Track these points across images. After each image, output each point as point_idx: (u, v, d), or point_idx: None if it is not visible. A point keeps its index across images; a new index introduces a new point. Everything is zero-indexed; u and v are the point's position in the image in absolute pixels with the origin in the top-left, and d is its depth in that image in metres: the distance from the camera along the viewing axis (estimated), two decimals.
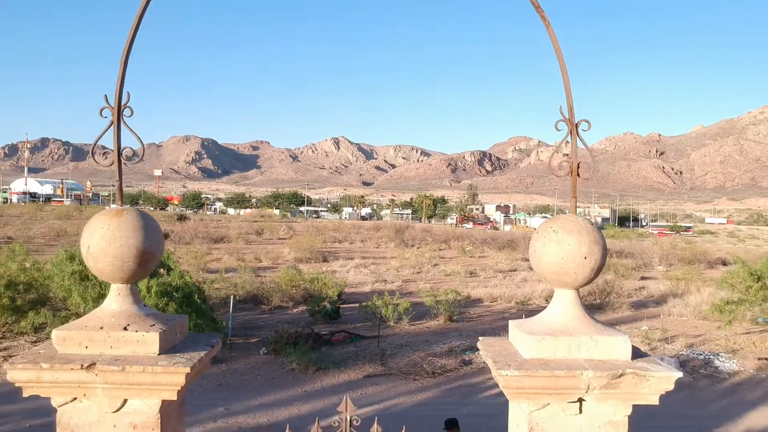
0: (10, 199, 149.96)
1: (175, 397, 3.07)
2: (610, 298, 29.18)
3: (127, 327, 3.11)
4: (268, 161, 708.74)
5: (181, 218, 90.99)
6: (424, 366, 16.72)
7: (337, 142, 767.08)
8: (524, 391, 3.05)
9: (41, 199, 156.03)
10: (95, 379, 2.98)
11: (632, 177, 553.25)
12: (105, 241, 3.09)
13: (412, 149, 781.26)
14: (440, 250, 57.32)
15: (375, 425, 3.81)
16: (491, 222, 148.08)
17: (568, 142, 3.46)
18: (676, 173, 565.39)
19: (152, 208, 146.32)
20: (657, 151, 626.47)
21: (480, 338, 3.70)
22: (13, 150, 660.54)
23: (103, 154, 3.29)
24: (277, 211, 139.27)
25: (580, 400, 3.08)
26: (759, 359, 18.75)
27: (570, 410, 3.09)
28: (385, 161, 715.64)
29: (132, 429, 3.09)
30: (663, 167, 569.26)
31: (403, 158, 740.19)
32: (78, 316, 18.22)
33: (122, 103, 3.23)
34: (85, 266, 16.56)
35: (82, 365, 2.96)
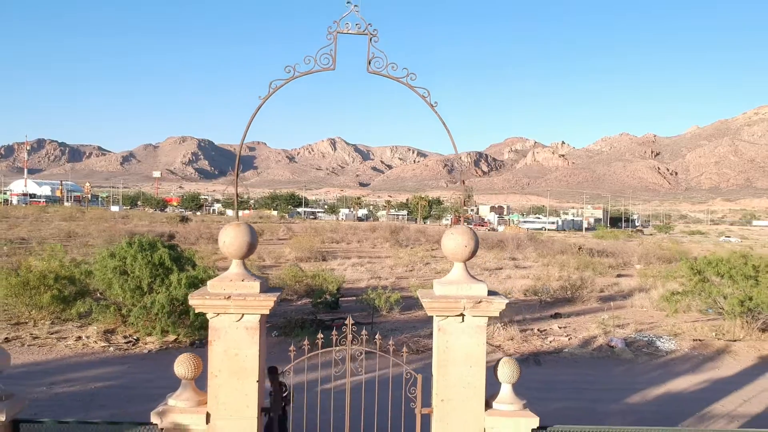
0: (11, 201, 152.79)
1: (267, 312, 6.38)
2: (581, 292, 32.41)
3: (243, 279, 6.42)
4: (265, 162, 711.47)
5: (184, 219, 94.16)
6: (409, 345, 19.99)
7: (333, 143, 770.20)
8: (435, 310, 6.38)
9: (42, 199, 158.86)
10: (230, 304, 6.29)
11: (627, 178, 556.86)
12: (233, 238, 6.40)
13: (409, 150, 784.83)
14: (433, 249, 60.48)
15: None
16: (486, 223, 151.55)
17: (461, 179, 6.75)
18: (671, 174, 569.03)
19: (152, 210, 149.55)
20: (652, 152, 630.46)
21: (419, 290, 7.01)
22: (9, 151, 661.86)
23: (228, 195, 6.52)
24: (275, 212, 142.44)
25: (462, 315, 6.39)
26: (694, 340, 22.09)
27: (457, 320, 6.41)
28: (382, 162, 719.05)
29: (245, 330, 6.39)
30: (658, 168, 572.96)
31: (400, 159, 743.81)
32: (117, 305, 21.43)
33: (239, 172, 6.47)
34: (125, 262, 19.80)
35: (224, 296, 6.26)
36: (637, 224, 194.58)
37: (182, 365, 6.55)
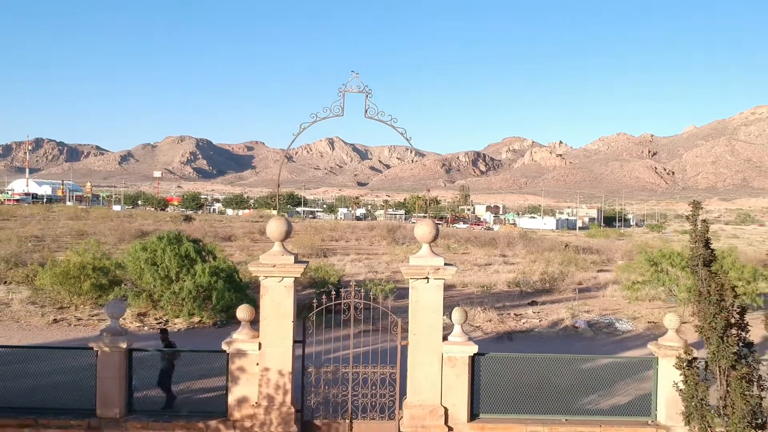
0: (13, 200, 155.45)
1: (299, 276, 9.72)
2: (559, 284, 35.66)
3: (283, 254, 9.76)
4: (263, 161, 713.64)
5: (187, 219, 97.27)
6: (398, 323, 23.29)
7: (331, 143, 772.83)
8: (409, 274, 9.74)
9: (45, 199, 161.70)
10: (274, 270, 9.62)
11: (625, 177, 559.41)
12: (276, 226, 9.73)
13: (407, 150, 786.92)
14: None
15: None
16: (482, 222, 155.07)
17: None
18: (668, 173, 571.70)
19: (153, 209, 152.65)
20: (649, 152, 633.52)
21: (401, 263, 10.33)
22: (6, 150, 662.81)
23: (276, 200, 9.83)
24: (274, 212, 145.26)
25: (427, 277, 9.74)
26: (648, 322, 25.43)
27: (424, 281, 9.77)
28: (380, 162, 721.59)
29: (284, 287, 9.73)
30: (655, 168, 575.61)
31: (398, 159, 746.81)
32: (149, 293, 24.60)
33: (279, 184, 9.77)
34: (155, 254, 22.98)
35: (271, 265, 9.60)
36: (632, 223, 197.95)
37: (243, 311, 9.88)
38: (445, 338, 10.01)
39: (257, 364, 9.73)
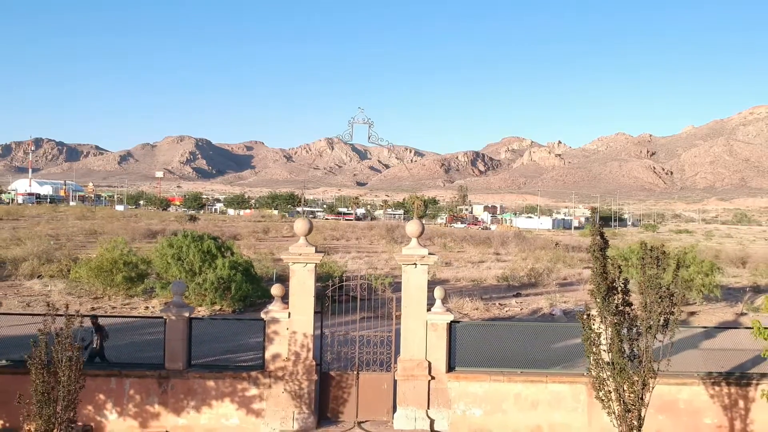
0: (16, 200, 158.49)
1: (318, 262, 12.93)
2: (544, 279, 38.81)
3: (306, 246, 12.95)
4: (263, 161, 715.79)
5: (192, 219, 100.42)
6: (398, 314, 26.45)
7: (331, 143, 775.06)
8: (402, 261, 12.97)
9: (48, 200, 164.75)
10: (300, 257, 12.83)
11: (623, 177, 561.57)
12: (301, 224, 12.93)
13: (406, 149, 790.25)
14: (425, 246, 66.73)
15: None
16: (480, 222, 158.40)
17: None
18: (666, 173, 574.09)
19: (156, 209, 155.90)
20: (648, 152, 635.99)
21: (395, 252, 13.51)
22: (6, 150, 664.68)
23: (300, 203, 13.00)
24: (275, 212, 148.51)
25: (415, 264, 12.94)
26: None
27: (413, 267, 12.99)
28: (379, 161, 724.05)
29: (307, 271, 12.94)
30: (654, 167, 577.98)
31: (397, 158, 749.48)
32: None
33: (303, 198, 12.90)
34: (180, 250, 26.17)
35: (297, 254, 12.80)
36: (628, 223, 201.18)
37: (276, 289, 13.06)
38: (429, 310, 13.17)
39: (287, 329, 12.90)
